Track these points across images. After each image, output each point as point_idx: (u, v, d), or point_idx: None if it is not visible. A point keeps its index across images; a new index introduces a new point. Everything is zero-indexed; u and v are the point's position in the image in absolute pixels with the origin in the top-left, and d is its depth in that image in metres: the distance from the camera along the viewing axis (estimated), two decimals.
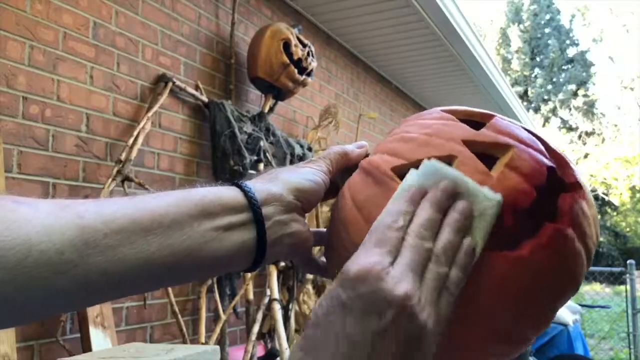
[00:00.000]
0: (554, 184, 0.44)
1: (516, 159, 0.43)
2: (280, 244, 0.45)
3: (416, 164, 0.44)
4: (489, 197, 0.40)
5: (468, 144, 0.44)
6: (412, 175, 0.42)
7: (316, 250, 0.57)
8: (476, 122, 0.48)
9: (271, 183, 0.46)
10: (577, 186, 0.45)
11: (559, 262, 0.41)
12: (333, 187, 0.52)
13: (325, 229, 0.53)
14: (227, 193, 0.44)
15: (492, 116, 0.49)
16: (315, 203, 0.49)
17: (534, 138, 0.47)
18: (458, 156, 0.44)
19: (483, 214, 0.40)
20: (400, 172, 0.45)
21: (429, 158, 0.43)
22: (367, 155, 0.52)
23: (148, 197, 0.41)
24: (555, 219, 0.42)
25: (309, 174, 0.48)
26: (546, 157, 0.45)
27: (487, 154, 0.45)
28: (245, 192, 0.44)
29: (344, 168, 0.52)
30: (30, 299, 0.35)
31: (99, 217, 0.37)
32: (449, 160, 0.43)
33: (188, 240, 0.41)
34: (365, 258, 0.36)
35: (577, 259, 0.42)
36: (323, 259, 0.55)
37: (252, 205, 0.44)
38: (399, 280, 0.35)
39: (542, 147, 0.46)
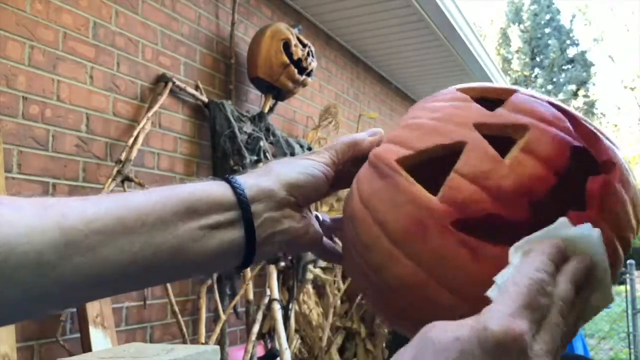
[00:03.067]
0: (585, 164, 0.39)
1: (533, 141, 0.38)
2: (271, 242, 0.44)
3: (423, 154, 0.41)
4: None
5: (480, 127, 0.40)
6: (566, 229, 0.35)
7: None
8: (494, 100, 0.43)
9: (263, 177, 0.44)
10: (609, 165, 0.39)
11: None
12: (344, 179, 0.49)
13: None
14: (216, 190, 0.42)
15: (512, 92, 0.43)
16: (315, 197, 0.47)
17: (559, 114, 0.41)
18: (467, 142, 0.39)
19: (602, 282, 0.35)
20: (406, 164, 0.41)
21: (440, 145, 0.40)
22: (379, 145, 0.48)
23: (136, 194, 0.40)
24: (584, 207, 0.37)
25: (307, 166, 0.46)
26: (572, 136, 0.39)
27: (505, 136, 0.40)
28: (234, 189, 0.42)
29: (358, 158, 0.48)
30: (13, 301, 0.35)
31: (82, 217, 0.37)
32: (459, 147, 0.39)
33: (173, 239, 0.39)
34: (514, 320, 0.31)
35: (608, 251, 0.36)
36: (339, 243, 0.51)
37: (241, 202, 0.42)
38: None
39: (568, 125, 0.40)
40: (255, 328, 2.45)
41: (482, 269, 0.37)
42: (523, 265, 0.34)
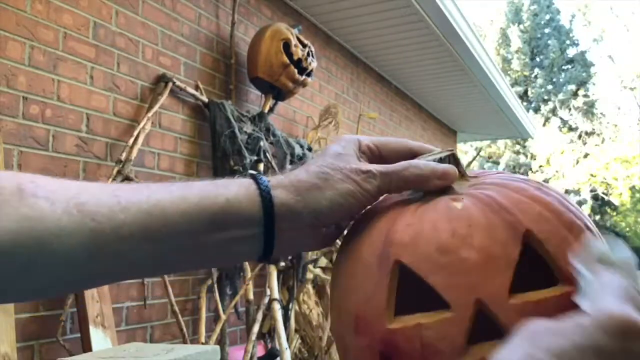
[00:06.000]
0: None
1: None
2: (286, 252, 0.46)
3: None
4: None
5: None
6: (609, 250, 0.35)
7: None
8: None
9: (294, 196, 0.42)
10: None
11: None
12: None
13: None
14: (245, 205, 0.42)
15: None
16: (339, 221, 0.46)
17: None
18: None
19: None
20: (405, 269, 0.38)
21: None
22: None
23: (165, 198, 0.40)
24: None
25: (343, 195, 0.43)
26: None
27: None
28: (265, 208, 0.42)
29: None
30: (44, 285, 0.38)
31: (111, 222, 0.38)
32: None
33: (198, 247, 0.41)
34: (629, 309, 0.30)
35: None
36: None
37: (266, 224, 0.42)
38: None
39: None
40: (255, 328, 2.45)
41: None
42: (603, 275, 0.33)
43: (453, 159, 0.45)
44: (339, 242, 0.49)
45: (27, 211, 0.36)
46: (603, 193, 17.92)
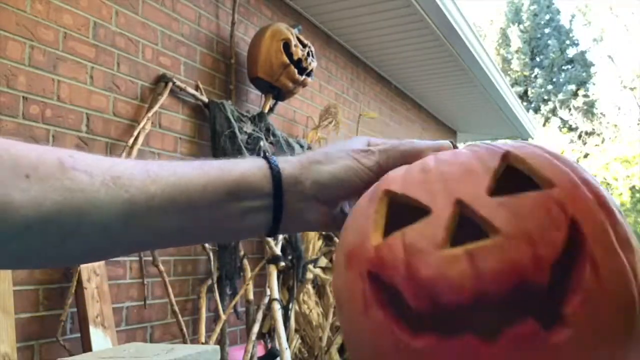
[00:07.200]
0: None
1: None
2: (294, 225, 0.49)
3: (407, 199, 0.39)
4: None
5: (464, 207, 0.36)
6: None
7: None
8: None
9: (301, 170, 0.47)
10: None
11: None
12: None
13: None
14: (258, 176, 0.46)
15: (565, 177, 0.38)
16: (344, 197, 0.49)
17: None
18: (433, 211, 0.37)
19: None
20: (393, 199, 0.40)
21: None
22: None
23: (190, 173, 0.45)
24: None
25: (344, 169, 0.47)
26: None
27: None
28: (274, 179, 0.46)
29: None
30: (78, 254, 0.43)
31: (143, 194, 0.42)
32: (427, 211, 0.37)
33: (215, 217, 0.46)
34: None
35: None
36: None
37: (276, 195, 0.46)
38: None
39: None
40: (255, 328, 2.45)
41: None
42: None
43: (453, 146, 0.49)
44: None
45: (69, 183, 0.39)
46: None
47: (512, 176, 0.38)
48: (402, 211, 0.39)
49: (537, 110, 20.20)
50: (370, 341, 0.37)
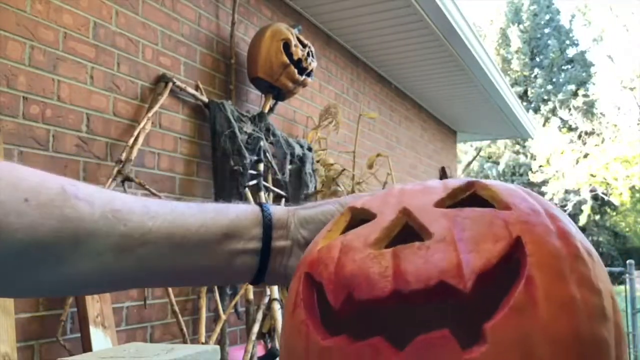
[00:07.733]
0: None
1: None
2: (275, 275, 0.51)
3: (362, 212, 0.41)
4: None
5: (410, 217, 0.37)
6: None
7: None
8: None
9: (288, 214, 0.50)
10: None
11: None
12: None
13: None
14: (250, 218, 0.49)
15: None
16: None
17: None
18: (377, 216, 0.38)
19: None
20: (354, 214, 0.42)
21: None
22: None
23: (187, 211, 0.47)
24: None
25: (324, 214, 0.50)
26: None
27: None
28: (265, 227, 0.49)
29: None
30: (70, 281, 0.43)
31: (140, 228, 0.43)
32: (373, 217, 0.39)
33: (207, 258, 0.47)
34: None
35: None
36: None
37: (264, 239, 0.49)
38: None
39: None
40: (255, 328, 2.45)
41: None
42: None
43: (444, 172, 0.50)
44: None
45: (70, 211, 0.40)
46: (603, 193, 17.92)
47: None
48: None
49: (537, 110, 20.20)
50: (288, 340, 0.38)
